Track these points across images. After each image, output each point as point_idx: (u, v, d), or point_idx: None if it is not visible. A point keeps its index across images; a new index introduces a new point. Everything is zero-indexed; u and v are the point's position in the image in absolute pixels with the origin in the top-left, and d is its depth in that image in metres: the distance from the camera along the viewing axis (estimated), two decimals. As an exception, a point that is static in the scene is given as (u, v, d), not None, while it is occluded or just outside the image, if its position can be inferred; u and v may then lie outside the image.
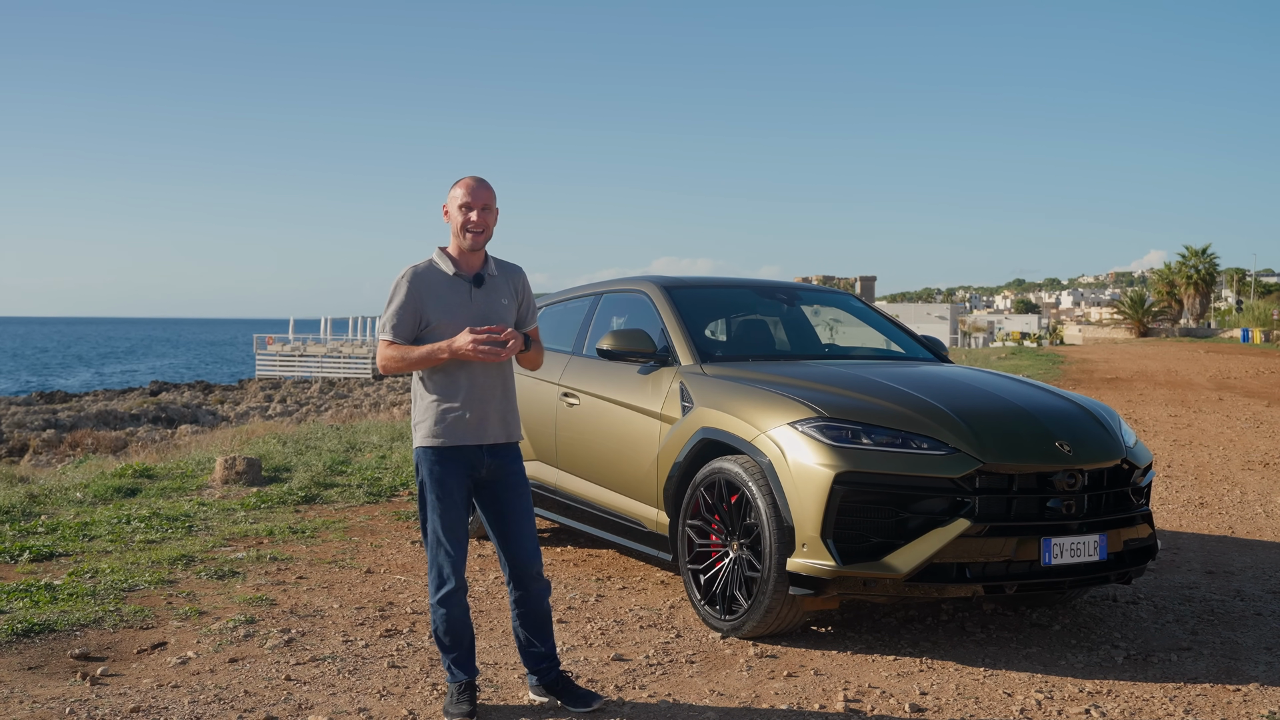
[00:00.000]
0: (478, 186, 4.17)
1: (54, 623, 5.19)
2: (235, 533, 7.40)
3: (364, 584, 6.20)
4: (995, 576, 4.84)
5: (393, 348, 4.15)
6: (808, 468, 4.87)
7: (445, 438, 4.16)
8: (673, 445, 5.62)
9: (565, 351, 6.82)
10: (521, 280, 4.35)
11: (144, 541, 7.04)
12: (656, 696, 4.45)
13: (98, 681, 4.51)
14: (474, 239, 4.15)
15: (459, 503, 4.21)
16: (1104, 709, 4.38)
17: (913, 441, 4.89)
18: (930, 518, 4.80)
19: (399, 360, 4.14)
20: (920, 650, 5.10)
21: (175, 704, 4.27)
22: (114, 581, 5.97)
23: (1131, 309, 64.20)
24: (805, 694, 4.51)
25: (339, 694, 4.42)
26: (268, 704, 4.28)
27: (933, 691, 4.56)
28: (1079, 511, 4.96)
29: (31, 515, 7.86)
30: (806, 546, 4.85)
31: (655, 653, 5.00)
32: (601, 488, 6.23)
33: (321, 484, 9.31)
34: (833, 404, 5.08)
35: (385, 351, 4.17)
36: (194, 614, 5.47)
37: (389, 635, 5.21)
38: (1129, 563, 5.17)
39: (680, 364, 5.86)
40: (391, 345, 4.16)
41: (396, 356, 4.14)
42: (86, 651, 4.85)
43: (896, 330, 6.91)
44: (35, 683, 4.49)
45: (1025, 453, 4.93)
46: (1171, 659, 5.03)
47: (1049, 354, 41.86)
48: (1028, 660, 4.99)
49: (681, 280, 6.54)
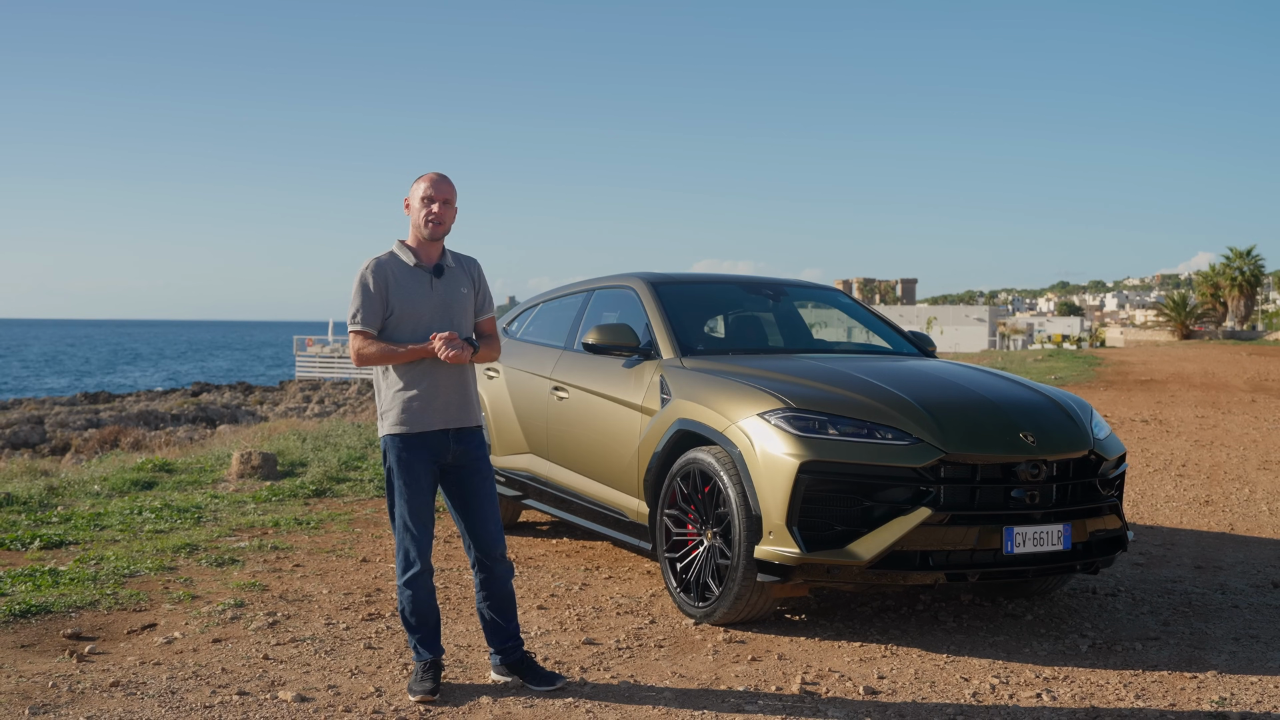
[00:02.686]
0: (439, 181, 4.34)
1: (51, 604, 5.40)
2: (242, 524, 7.61)
3: (357, 572, 6.37)
4: (958, 565, 4.93)
5: (371, 343, 4.31)
6: (775, 457, 4.98)
7: (410, 425, 4.32)
8: (652, 436, 5.75)
9: (558, 347, 6.96)
10: (478, 270, 4.53)
11: (152, 531, 7.26)
12: (619, 678, 4.58)
13: (84, 659, 4.70)
14: (433, 229, 4.32)
15: (425, 488, 4.36)
16: (1055, 693, 4.46)
17: (877, 432, 4.98)
18: (893, 506, 4.89)
19: (380, 356, 4.29)
20: (888, 638, 5.19)
21: (154, 679, 4.45)
22: (116, 568, 6.18)
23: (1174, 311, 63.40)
24: (765, 676, 4.62)
25: (312, 672, 4.59)
26: (242, 680, 4.46)
27: (890, 675, 4.65)
28: (1043, 501, 5.03)
29: (48, 506, 8.12)
30: (773, 534, 4.96)
31: (626, 638, 5.13)
32: (588, 479, 6.36)
33: (334, 478, 9.50)
34: (801, 395, 5.18)
35: (360, 344, 4.32)
36: (187, 598, 5.66)
37: (370, 619, 5.38)
38: (1096, 553, 5.23)
39: (662, 357, 5.98)
40: (366, 338, 4.32)
41: (376, 353, 4.29)
42: (79, 631, 5.06)
43: (883, 326, 7.00)
44: (25, 659, 4.70)
45: (989, 443, 5.01)
46: (1136, 648, 5.09)
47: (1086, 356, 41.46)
48: (993, 648, 5.07)
49: (668, 276, 6.67)
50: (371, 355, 4.30)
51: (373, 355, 4.30)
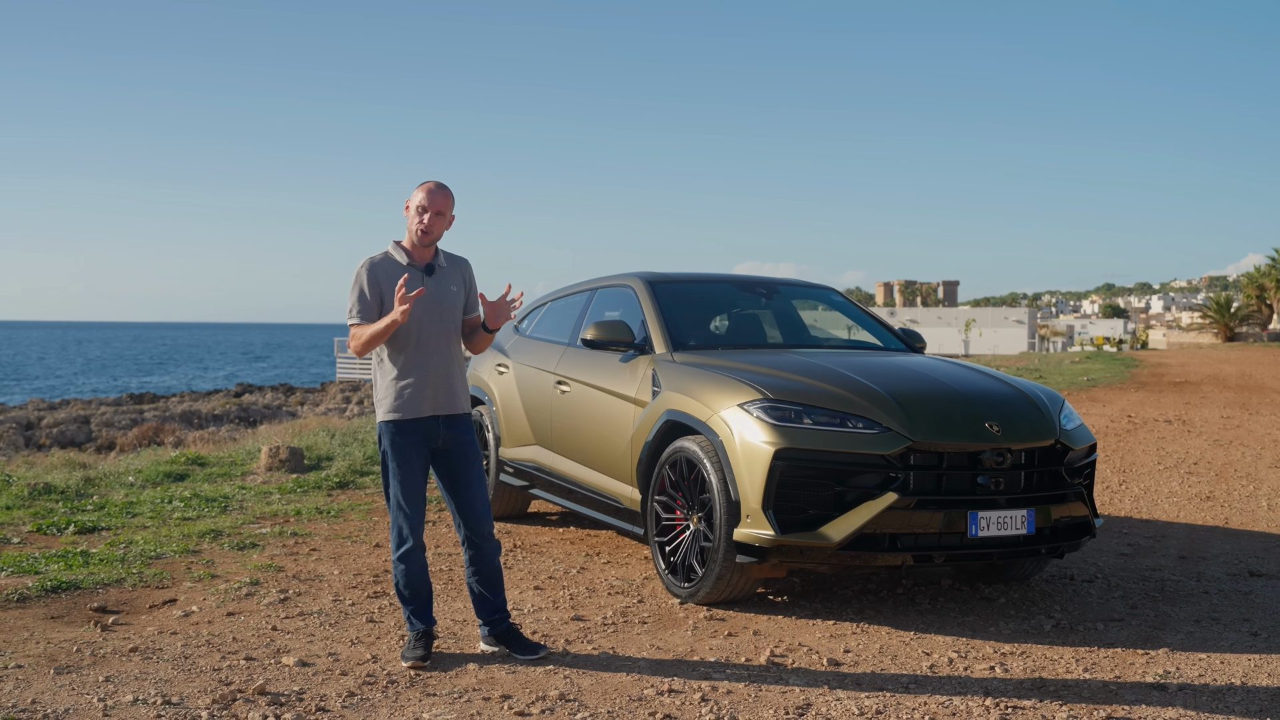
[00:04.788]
0: (434, 192, 4.68)
1: (80, 581, 5.80)
2: (265, 512, 7.99)
3: (370, 555, 6.73)
4: (925, 547, 5.20)
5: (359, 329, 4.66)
6: (752, 445, 5.27)
7: (404, 411, 4.67)
8: (644, 427, 6.06)
9: (562, 343, 7.29)
10: (469, 271, 4.87)
11: (180, 518, 7.67)
12: (600, 650, 4.89)
13: (108, 629, 5.09)
14: (422, 238, 4.69)
15: (417, 470, 4.71)
16: (1008, 666, 4.72)
17: (849, 421, 5.27)
18: (863, 491, 5.18)
19: (363, 340, 4.63)
20: (862, 617, 5.47)
21: (169, 646, 4.83)
22: (143, 550, 6.58)
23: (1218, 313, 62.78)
24: (737, 649, 4.92)
25: (316, 641, 4.94)
26: (249, 648, 4.82)
27: (856, 650, 4.93)
28: (1008, 488, 5.29)
29: (84, 495, 8.56)
30: (750, 517, 5.25)
31: (613, 615, 5.44)
32: (588, 468, 6.68)
33: (358, 471, 9.89)
34: (779, 387, 5.48)
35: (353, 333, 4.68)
36: (207, 577, 6.05)
37: (375, 597, 5.73)
38: (1061, 538, 5.48)
39: (655, 352, 6.29)
40: (359, 328, 4.67)
41: (365, 336, 4.63)
42: (104, 605, 5.45)
43: (873, 323, 7.27)
44: (54, 628, 5.09)
45: (955, 432, 5.28)
46: (1098, 628, 5.33)
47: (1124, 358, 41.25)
48: (960, 627, 5.33)
49: (665, 275, 6.98)
50: (360, 342, 4.65)
51: (360, 342, 4.65)
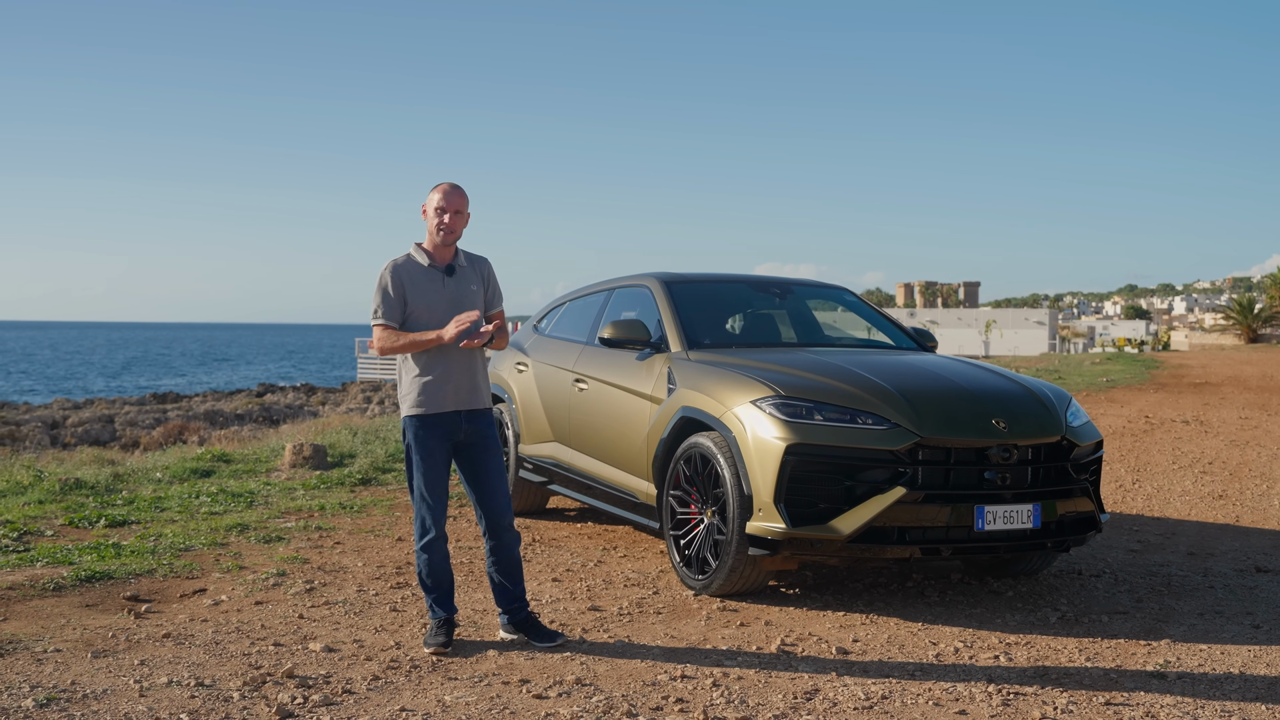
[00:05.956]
0: (451, 192, 4.84)
1: (113, 572, 5.99)
2: (290, 507, 8.18)
3: (392, 549, 6.90)
4: (932, 540, 5.33)
5: (389, 332, 4.83)
6: (765, 440, 5.42)
7: (427, 406, 4.83)
8: (659, 423, 6.21)
9: (580, 342, 7.45)
10: (488, 269, 5.03)
11: (208, 513, 7.86)
12: (615, 638, 5.05)
13: (141, 616, 5.27)
14: (445, 237, 4.84)
15: (440, 463, 4.87)
16: (1012, 655, 4.85)
17: (859, 417, 5.41)
18: (872, 486, 5.31)
19: (399, 344, 4.80)
20: (872, 609, 5.60)
21: (200, 633, 5.01)
22: (173, 543, 6.77)
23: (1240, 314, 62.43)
24: (748, 638, 5.06)
25: (341, 629, 5.12)
26: (277, 634, 5.00)
27: (864, 639, 5.07)
28: (1014, 483, 5.42)
29: (114, 490, 8.77)
30: (763, 511, 5.40)
31: (629, 606, 5.60)
32: (605, 464, 6.84)
33: (380, 468, 10.07)
34: (791, 384, 5.62)
35: (382, 336, 4.85)
36: (235, 568, 6.23)
37: (398, 587, 5.90)
38: (1067, 532, 5.60)
39: (670, 351, 6.44)
40: (386, 329, 4.84)
41: (395, 341, 4.81)
42: (137, 594, 5.63)
43: (886, 322, 7.41)
44: (89, 616, 5.28)
45: (962, 428, 5.41)
46: (1102, 620, 5.45)
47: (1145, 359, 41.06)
48: (967, 619, 5.46)
49: (681, 276, 7.13)
50: (393, 345, 4.82)
51: (394, 345, 4.82)
